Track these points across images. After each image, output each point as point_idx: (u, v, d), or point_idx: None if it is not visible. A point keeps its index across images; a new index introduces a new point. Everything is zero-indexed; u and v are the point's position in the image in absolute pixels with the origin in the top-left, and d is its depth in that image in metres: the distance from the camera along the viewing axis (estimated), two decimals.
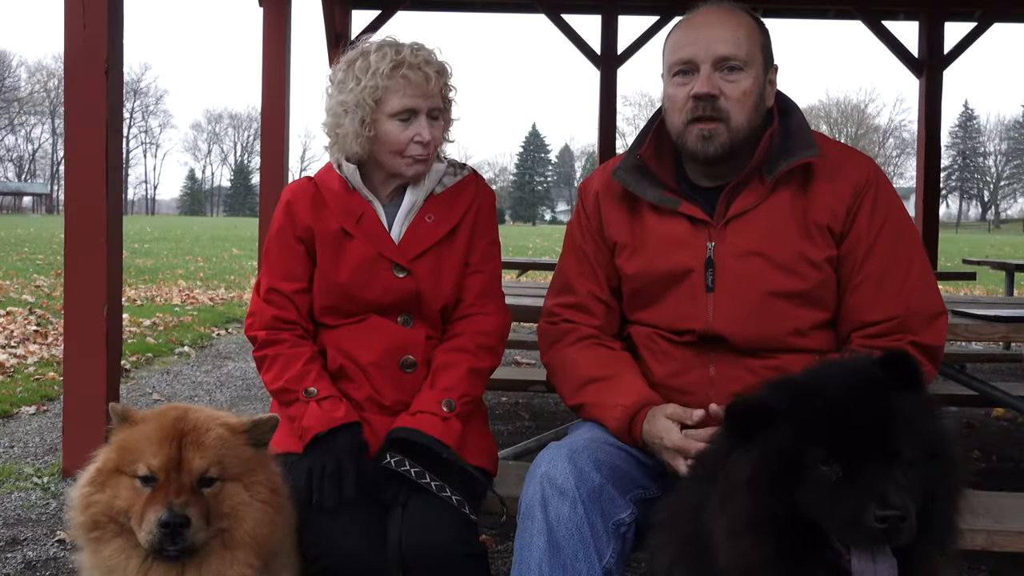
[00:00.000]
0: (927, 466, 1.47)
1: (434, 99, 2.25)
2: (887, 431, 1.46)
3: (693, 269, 2.11)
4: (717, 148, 2.07)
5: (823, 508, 1.44)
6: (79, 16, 3.63)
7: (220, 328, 9.18)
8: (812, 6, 9.62)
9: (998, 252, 29.01)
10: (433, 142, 2.26)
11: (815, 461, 1.46)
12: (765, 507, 1.48)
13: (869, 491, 1.40)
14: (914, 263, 2.09)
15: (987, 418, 5.50)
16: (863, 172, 2.12)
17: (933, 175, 8.84)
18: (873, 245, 2.08)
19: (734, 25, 2.07)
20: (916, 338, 2.04)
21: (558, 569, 1.88)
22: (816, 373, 1.61)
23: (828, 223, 2.08)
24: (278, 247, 2.34)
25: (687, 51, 2.09)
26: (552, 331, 2.31)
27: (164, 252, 23.53)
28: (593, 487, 1.93)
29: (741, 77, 2.06)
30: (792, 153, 2.08)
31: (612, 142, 9.25)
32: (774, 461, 1.49)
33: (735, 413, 1.55)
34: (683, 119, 2.10)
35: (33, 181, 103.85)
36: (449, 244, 2.33)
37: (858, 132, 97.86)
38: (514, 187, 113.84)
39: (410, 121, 2.24)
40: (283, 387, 2.23)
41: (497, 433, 4.85)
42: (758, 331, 2.07)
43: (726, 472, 1.54)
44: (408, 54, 2.23)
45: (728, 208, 2.11)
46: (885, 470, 1.43)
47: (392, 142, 2.25)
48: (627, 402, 2.07)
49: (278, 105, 7.07)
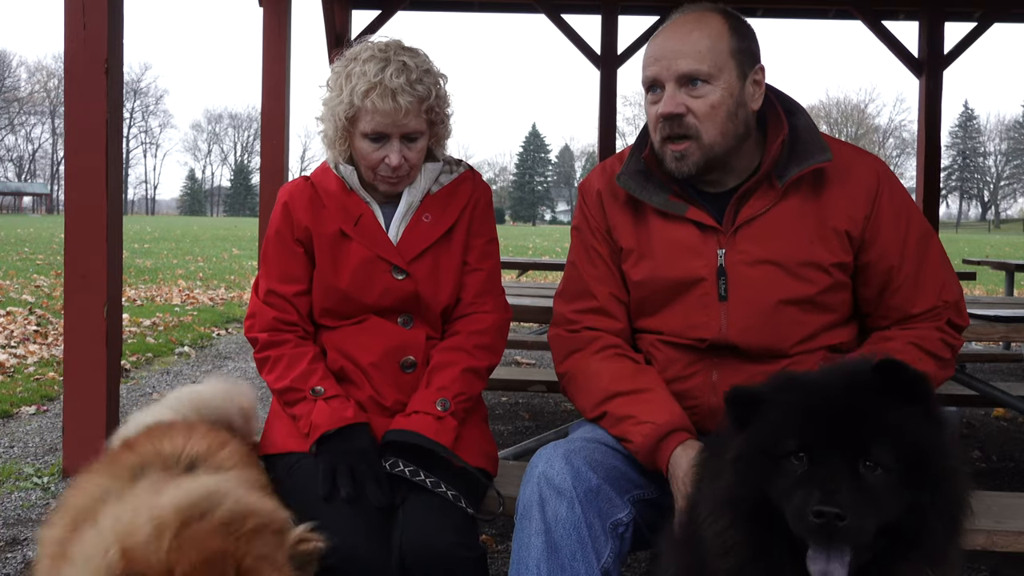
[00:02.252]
0: (910, 475, 1.46)
1: (408, 125, 2.18)
2: (857, 430, 1.47)
3: (704, 278, 2.08)
4: (691, 167, 2.04)
5: (784, 498, 1.48)
6: (79, 16, 3.63)
7: (220, 328, 9.18)
8: (812, 6, 9.60)
9: (998, 252, 29.00)
10: (406, 164, 2.23)
11: (787, 452, 1.50)
12: (743, 489, 1.53)
13: (820, 485, 1.43)
14: (937, 253, 2.15)
15: (987, 418, 5.50)
16: (873, 173, 2.11)
17: (933, 175, 8.84)
18: (904, 249, 2.09)
19: (696, 38, 2.01)
20: (951, 318, 2.12)
21: (556, 569, 1.87)
22: (819, 370, 1.67)
23: (847, 228, 2.07)
24: (276, 249, 2.33)
25: (652, 69, 2.06)
26: (573, 339, 2.22)
27: (164, 252, 23.53)
28: (590, 487, 1.92)
29: (708, 91, 2.01)
30: (803, 158, 2.05)
31: (612, 142, 9.24)
32: (754, 446, 1.54)
33: (731, 399, 1.62)
34: (658, 138, 2.08)
35: (33, 181, 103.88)
36: (447, 244, 2.32)
37: (858, 132, 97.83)
38: (514, 187, 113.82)
39: (381, 143, 2.21)
40: (288, 386, 2.22)
41: (497, 433, 4.85)
42: (770, 339, 2.06)
43: (723, 451, 1.62)
44: (389, 76, 2.14)
45: (737, 214, 2.08)
46: (847, 468, 1.45)
47: (364, 158, 2.24)
48: (660, 420, 1.99)
49: (278, 105, 7.07)
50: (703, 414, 2.08)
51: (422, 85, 2.18)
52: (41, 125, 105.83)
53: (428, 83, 2.20)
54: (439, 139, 2.33)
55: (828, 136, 2.15)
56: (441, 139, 2.33)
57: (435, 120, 2.26)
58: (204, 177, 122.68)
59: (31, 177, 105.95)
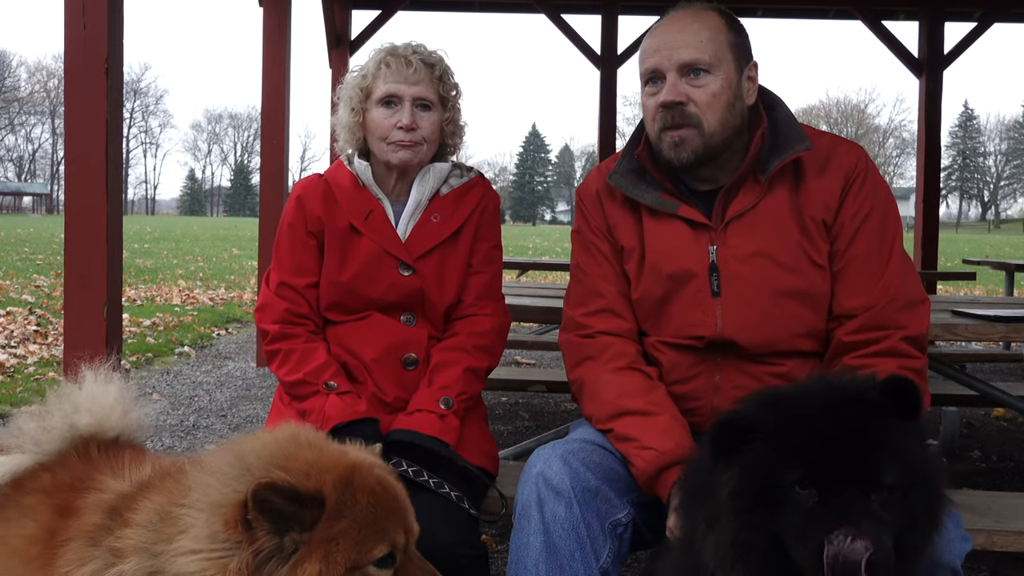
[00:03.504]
0: (910, 494, 1.41)
1: (420, 87, 2.30)
2: (868, 457, 1.39)
3: (696, 274, 2.08)
4: (689, 154, 2.05)
5: (795, 533, 1.38)
6: (79, 16, 3.63)
7: (220, 328, 9.18)
8: (812, 6, 9.61)
9: (998, 252, 29.01)
10: (419, 130, 2.29)
11: (792, 482, 1.40)
12: (747, 528, 1.42)
13: (842, 520, 1.33)
14: (895, 253, 2.07)
15: (987, 418, 5.51)
16: (851, 161, 2.10)
17: (933, 175, 8.84)
18: (856, 232, 2.06)
19: (696, 29, 2.05)
20: (904, 331, 2.00)
21: (555, 569, 1.87)
22: (804, 389, 1.56)
23: (822, 217, 2.07)
24: (289, 241, 2.36)
25: (652, 60, 2.07)
26: (585, 346, 2.18)
27: (164, 252, 23.53)
28: (588, 487, 1.92)
29: (708, 80, 2.03)
30: (783, 149, 2.06)
31: (612, 142, 9.24)
32: (753, 480, 1.44)
33: (718, 427, 1.49)
34: (656, 128, 2.08)
35: (33, 181, 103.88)
36: (453, 245, 2.35)
37: (858, 132, 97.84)
38: (514, 187, 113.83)
39: (393, 108, 2.29)
40: (302, 379, 2.23)
41: (497, 433, 4.85)
42: (768, 334, 2.05)
43: (714, 489, 1.50)
44: (400, 47, 2.34)
45: (726, 210, 2.09)
46: (862, 498, 1.37)
47: (377, 127, 2.31)
48: (663, 448, 1.94)
49: (278, 105, 7.07)
50: (706, 415, 2.07)
51: (433, 57, 2.35)
52: (41, 125, 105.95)
53: (436, 59, 2.36)
54: (451, 124, 2.39)
55: (809, 127, 2.15)
56: (454, 133, 2.41)
57: (446, 97, 2.36)
58: (204, 177, 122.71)
59: (31, 177, 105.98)
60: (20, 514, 1.63)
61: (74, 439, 1.73)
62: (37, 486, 1.67)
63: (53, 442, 1.73)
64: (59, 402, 1.79)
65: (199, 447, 4.62)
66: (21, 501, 1.65)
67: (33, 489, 1.67)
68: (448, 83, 2.36)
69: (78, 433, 1.74)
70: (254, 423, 5.18)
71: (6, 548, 1.58)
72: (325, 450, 1.47)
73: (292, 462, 1.41)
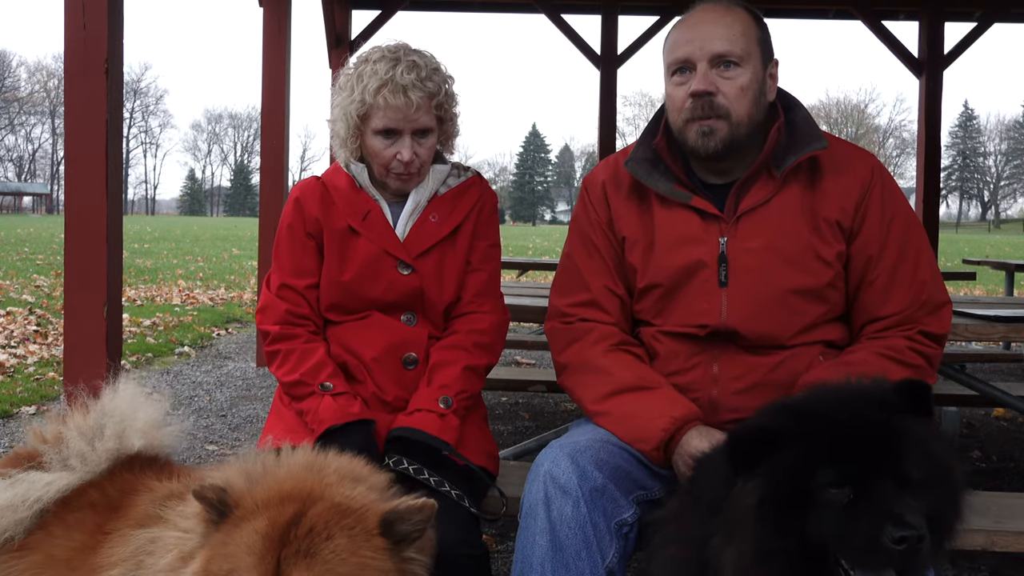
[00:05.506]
0: (935, 489, 1.46)
1: (419, 121, 2.24)
2: (897, 452, 1.44)
3: (706, 264, 2.11)
4: (717, 144, 2.08)
5: (834, 532, 1.41)
6: (79, 16, 3.63)
7: (220, 328, 9.18)
8: (812, 6, 9.61)
9: (998, 252, 28.99)
10: (417, 159, 2.27)
11: (824, 484, 1.43)
12: (774, 536, 1.44)
13: (884, 512, 1.37)
14: (922, 256, 2.13)
15: (987, 418, 5.50)
16: (868, 168, 2.14)
17: (933, 175, 8.83)
18: (885, 242, 2.10)
19: (729, 22, 2.09)
20: (924, 327, 2.08)
21: (560, 568, 1.88)
22: (815, 396, 1.59)
23: (838, 218, 2.10)
24: (288, 243, 2.36)
25: (683, 50, 2.10)
26: (569, 330, 2.23)
27: (164, 252, 23.53)
28: (595, 486, 1.93)
29: (738, 73, 2.07)
30: (799, 147, 2.10)
31: (612, 142, 9.24)
32: (782, 486, 1.45)
33: (738, 440, 1.51)
34: (683, 118, 2.11)
35: (33, 181, 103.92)
36: (452, 244, 2.35)
37: (858, 132, 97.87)
38: (514, 187, 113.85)
39: (392, 139, 2.25)
40: (299, 379, 2.24)
41: (497, 433, 4.85)
42: (770, 327, 2.08)
43: (732, 502, 1.50)
44: (399, 73, 2.21)
45: (739, 204, 2.12)
46: (897, 490, 1.41)
47: (376, 155, 2.28)
48: (678, 414, 2.00)
49: (278, 105, 7.07)
50: (703, 406, 2.09)
51: (431, 82, 2.25)
52: (41, 125, 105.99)
53: (437, 80, 2.27)
54: (448, 137, 2.37)
55: (827, 133, 2.19)
56: (450, 137, 2.37)
57: (444, 117, 2.32)
58: (204, 177, 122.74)
59: (31, 177, 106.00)
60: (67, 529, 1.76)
61: (120, 458, 1.84)
62: (84, 502, 1.79)
63: (101, 463, 1.84)
64: (106, 420, 1.88)
65: (199, 447, 4.63)
66: (66, 518, 1.77)
67: (80, 505, 1.78)
68: (447, 106, 2.31)
69: (126, 453, 1.86)
70: (254, 423, 5.18)
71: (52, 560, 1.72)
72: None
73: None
